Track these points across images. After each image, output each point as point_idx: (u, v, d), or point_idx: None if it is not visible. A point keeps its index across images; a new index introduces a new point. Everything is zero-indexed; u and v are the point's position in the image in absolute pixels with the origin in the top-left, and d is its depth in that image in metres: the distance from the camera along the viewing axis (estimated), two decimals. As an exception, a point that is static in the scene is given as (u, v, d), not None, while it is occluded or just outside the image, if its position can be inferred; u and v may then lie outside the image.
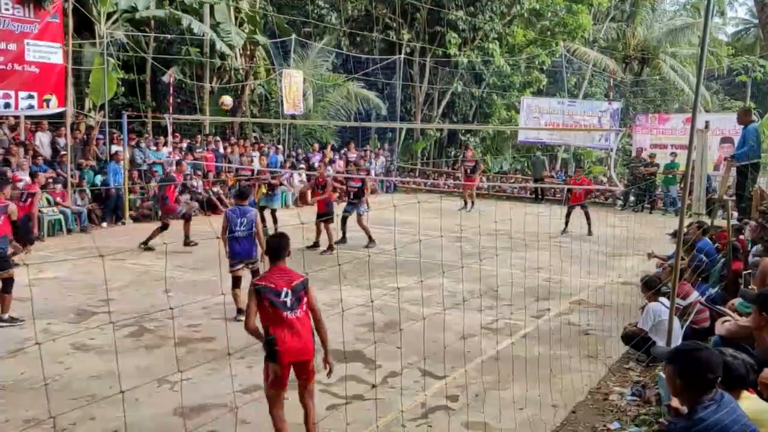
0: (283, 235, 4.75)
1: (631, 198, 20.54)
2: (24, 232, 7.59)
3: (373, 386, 5.67)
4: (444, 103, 27.32)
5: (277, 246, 4.63)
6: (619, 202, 20.74)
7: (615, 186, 20.25)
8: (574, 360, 6.53)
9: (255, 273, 7.39)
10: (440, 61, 26.05)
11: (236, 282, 7.78)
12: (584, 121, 23.00)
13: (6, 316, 7.22)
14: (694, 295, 6.76)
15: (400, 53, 24.89)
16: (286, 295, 4.40)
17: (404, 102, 26.37)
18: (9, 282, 7.24)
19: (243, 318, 4.69)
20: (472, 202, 18.17)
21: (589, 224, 14.40)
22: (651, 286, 6.75)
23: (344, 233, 12.49)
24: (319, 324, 4.53)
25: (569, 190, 15.65)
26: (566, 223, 14.56)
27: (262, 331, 4.39)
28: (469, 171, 18.58)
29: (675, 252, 5.71)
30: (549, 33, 27.88)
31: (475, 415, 5.15)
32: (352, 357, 6.34)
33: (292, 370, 4.44)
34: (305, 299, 4.47)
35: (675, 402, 3.50)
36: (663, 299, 6.62)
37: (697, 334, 6.10)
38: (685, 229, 6.32)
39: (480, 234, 11.34)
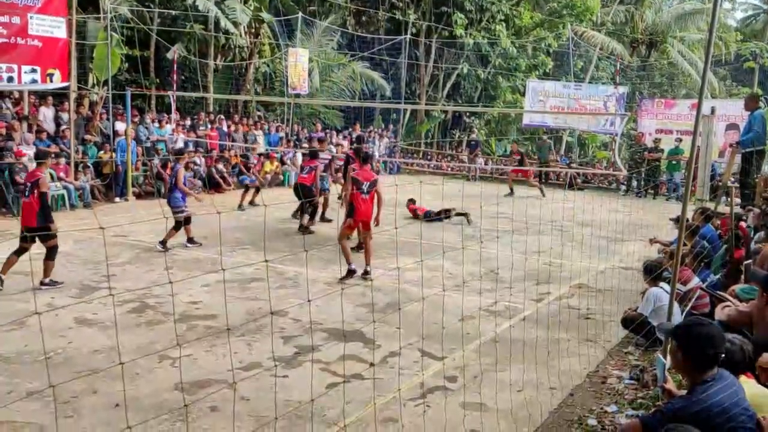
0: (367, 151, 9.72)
1: (634, 183, 20.49)
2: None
3: (372, 365, 5.70)
4: (449, 84, 27.16)
5: (366, 156, 8.99)
6: (623, 187, 20.70)
7: (619, 171, 20.18)
8: (572, 343, 6.55)
9: (187, 220, 9.81)
10: (446, 42, 25.85)
11: (177, 225, 9.80)
12: (590, 105, 22.86)
13: (47, 280, 7.83)
14: (695, 281, 6.77)
15: (406, 33, 24.70)
16: (365, 185, 8.46)
17: (409, 83, 26.22)
18: (53, 250, 7.86)
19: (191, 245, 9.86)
20: (541, 190, 17.66)
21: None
22: (651, 271, 6.76)
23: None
24: (380, 199, 8.73)
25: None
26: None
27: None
28: (517, 163, 18.68)
29: (677, 237, 5.70)
30: (556, 15, 27.61)
31: (472, 396, 5.19)
32: (352, 336, 6.37)
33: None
34: (375, 189, 8.56)
35: (670, 384, 3.53)
36: (663, 284, 6.62)
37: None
38: (689, 214, 6.30)
39: (481, 216, 11.34)
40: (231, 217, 12.54)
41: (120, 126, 15.06)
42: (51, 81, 13.09)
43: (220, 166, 16.91)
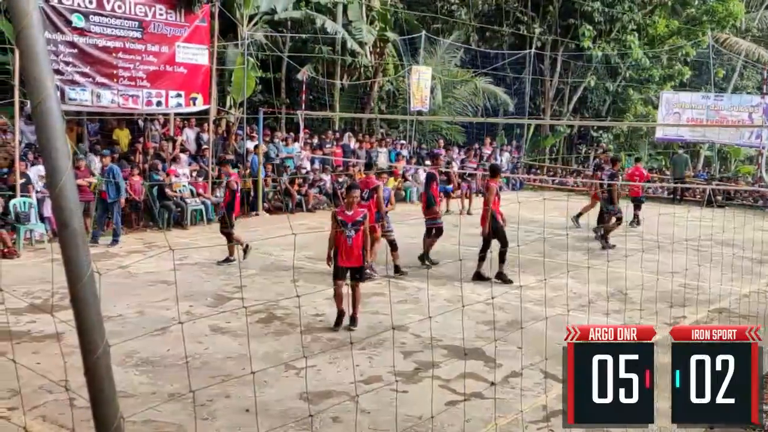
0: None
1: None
2: None
3: (493, 384, 5.61)
4: (575, 98, 26.34)
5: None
6: (771, 205, 19.01)
7: (766, 187, 18.58)
8: (711, 373, 6.07)
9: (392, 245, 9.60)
10: (573, 55, 25.13)
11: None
12: (732, 117, 21.27)
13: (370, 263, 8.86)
14: None
15: (530, 47, 24.31)
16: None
17: (533, 97, 25.73)
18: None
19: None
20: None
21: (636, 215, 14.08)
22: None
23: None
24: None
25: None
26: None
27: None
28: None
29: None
30: (695, 22, 26.02)
31: (599, 422, 4.95)
32: (472, 354, 6.31)
33: None
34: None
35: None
36: (819, 313, 5.99)
37: None
38: None
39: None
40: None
41: (250, 144, 15.96)
42: (194, 104, 14.16)
43: (343, 180, 17.42)
